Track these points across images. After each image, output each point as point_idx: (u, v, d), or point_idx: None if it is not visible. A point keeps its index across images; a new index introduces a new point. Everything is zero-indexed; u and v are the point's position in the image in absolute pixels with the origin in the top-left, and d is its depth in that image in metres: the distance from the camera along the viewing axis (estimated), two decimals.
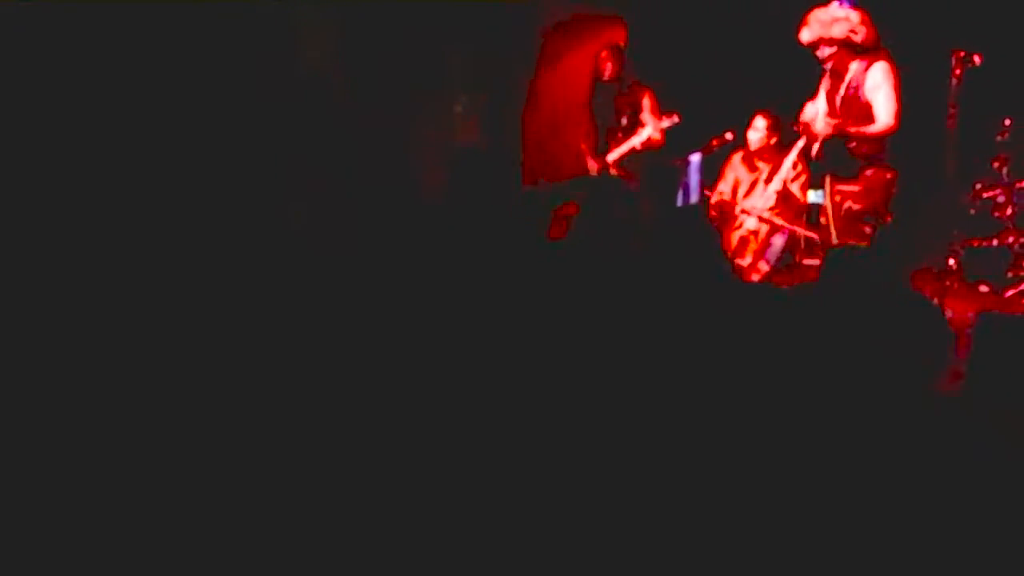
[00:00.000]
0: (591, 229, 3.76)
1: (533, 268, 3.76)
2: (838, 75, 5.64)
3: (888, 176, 5.64)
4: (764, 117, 6.36)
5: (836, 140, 5.68)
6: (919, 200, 6.11)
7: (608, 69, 6.92)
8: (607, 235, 3.74)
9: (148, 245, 4.87)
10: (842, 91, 5.59)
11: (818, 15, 5.58)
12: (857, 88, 5.53)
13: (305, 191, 6.20)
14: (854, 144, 5.61)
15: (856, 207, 5.66)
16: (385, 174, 6.63)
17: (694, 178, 7.33)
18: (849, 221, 5.70)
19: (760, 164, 6.43)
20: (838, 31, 5.52)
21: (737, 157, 6.58)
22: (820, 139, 5.69)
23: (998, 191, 6.09)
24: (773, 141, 6.35)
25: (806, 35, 5.62)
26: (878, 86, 5.48)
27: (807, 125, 5.80)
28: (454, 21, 7.23)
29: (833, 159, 5.75)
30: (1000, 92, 5.89)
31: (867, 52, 5.50)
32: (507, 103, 7.89)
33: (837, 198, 5.73)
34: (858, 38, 5.47)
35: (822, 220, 5.85)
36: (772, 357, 3.01)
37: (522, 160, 7.89)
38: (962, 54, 5.44)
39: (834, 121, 5.57)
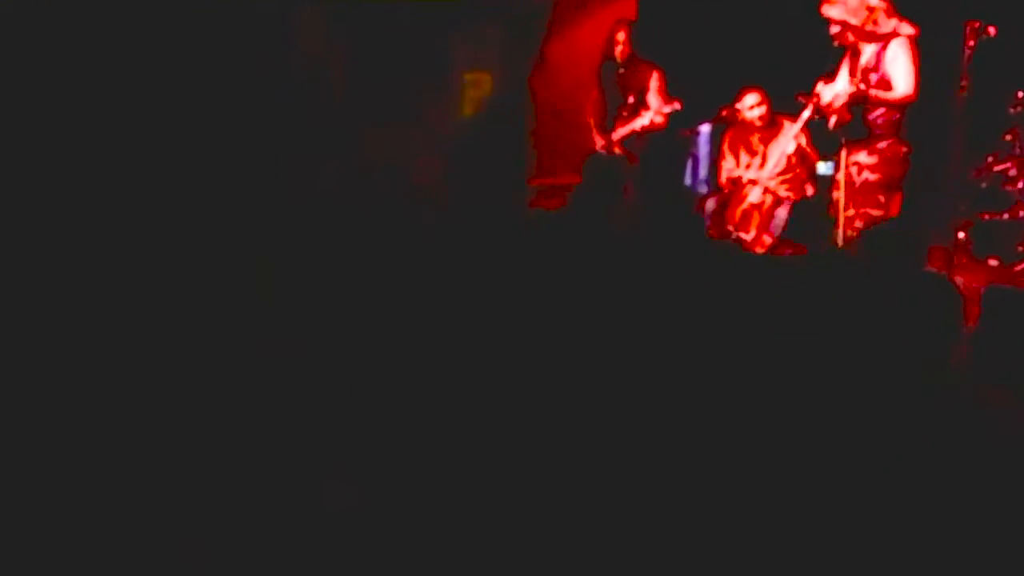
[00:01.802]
0: (592, 205, 3.76)
1: (535, 252, 3.74)
2: (856, 52, 5.67)
3: (904, 150, 5.70)
4: (755, 93, 6.31)
5: (851, 113, 5.68)
6: (930, 173, 6.09)
7: (621, 48, 6.91)
8: (607, 211, 3.73)
9: (145, 244, 4.87)
10: (861, 65, 5.59)
11: None
12: (877, 64, 5.54)
13: (304, 191, 6.18)
14: (872, 116, 5.63)
15: (872, 178, 5.68)
16: (385, 169, 6.61)
17: (704, 149, 7.28)
18: (864, 192, 5.70)
19: (757, 138, 6.39)
20: (847, 14, 5.60)
21: (731, 136, 6.54)
22: (839, 106, 5.69)
23: (1010, 164, 6.04)
24: (765, 114, 6.30)
25: (827, 11, 5.71)
26: (896, 59, 5.54)
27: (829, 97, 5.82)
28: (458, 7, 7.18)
29: (848, 133, 5.75)
30: (1014, 64, 5.83)
31: (882, 36, 5.55)
32: (513, 85, 7.84)
33: (853, 168, 5.73)
34: (864, 22, 5.54)
35: (834, 193, 5.82)
36: (777, 330, 2.99)
37: (530, 134, 7.88)
38: (976, 25, 5.38)
39: (853, 88, 5.58)
